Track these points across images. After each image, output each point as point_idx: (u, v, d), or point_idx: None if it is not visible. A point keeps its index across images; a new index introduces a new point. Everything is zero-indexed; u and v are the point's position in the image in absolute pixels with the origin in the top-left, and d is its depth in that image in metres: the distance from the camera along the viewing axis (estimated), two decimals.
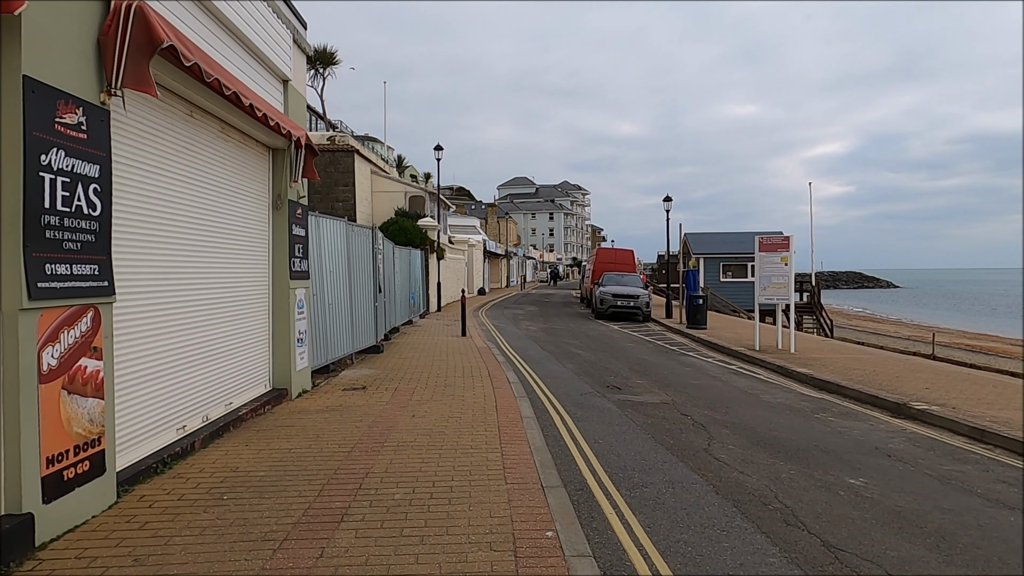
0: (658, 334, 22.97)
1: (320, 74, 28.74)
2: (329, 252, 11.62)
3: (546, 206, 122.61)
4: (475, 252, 45.92)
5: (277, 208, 9.02)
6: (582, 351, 17.10)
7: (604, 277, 29.90)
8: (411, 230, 26.99)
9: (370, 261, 14.15)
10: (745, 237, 37.53)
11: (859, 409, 10.87)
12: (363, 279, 13.63)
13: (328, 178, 27.09)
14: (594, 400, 10.39)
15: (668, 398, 10.96)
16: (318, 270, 10.98)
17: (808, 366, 14.78)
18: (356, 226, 13.31)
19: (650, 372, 13.85)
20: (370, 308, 14.05)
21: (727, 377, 13.72)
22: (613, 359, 15.78)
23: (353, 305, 12.81)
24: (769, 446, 8.01)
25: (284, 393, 8.98)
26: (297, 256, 9.38)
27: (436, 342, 17.00)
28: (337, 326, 11.82)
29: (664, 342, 20.43)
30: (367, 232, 13.95)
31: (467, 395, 9.55)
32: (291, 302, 9.13)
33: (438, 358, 13.70)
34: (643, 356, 16.66)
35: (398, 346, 15.93)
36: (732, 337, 21.06)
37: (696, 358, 16.79)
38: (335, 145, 27.02)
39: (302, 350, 9.52)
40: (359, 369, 12.02)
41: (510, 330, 22.29)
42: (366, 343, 13.78)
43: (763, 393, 11.90)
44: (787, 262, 18.04)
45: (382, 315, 15.76)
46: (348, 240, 12.62)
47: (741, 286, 35.26)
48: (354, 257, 13.03)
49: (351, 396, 9.38)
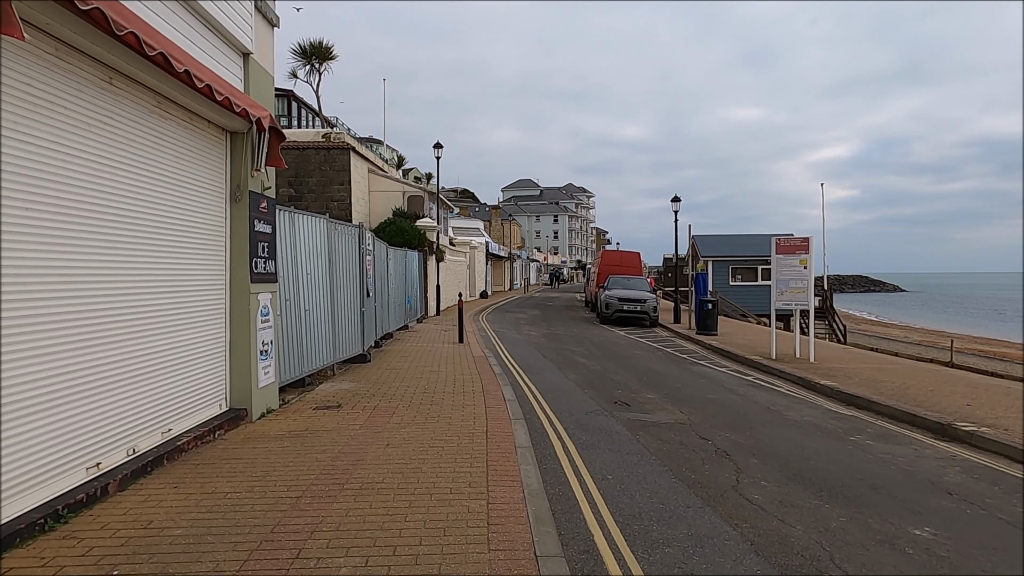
0: (667, 340, 21.67)
1: (315, 69, 27.53)
2: (307, 252, 10.37)
3: (551, 208, 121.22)
4: (477, 254, 44.67)
5: (236, 200, 7.76)
6: (586, 360, 15.81)
7: (609, 280, 28.60)
8: (409, 231, 25.76)
9: (356, 263, 12.89)
10: (755, 239, 36.19)
11: (897, 430, 9.57)
12: (348, 282, 12.38)
13: (323, 177, 25.88)
14: (601, 420, 9.10)
15: (683, 416, 9.67)
16: (292, 272, 9.73)
17: (832, 377, 13.47)
18: (340, 224, 12.06)
19: (661, 384, 12.56)
20: (355, 314, 12.79)
21: (745, 390, 12.42)
22: (620, 369, 14.48)
23: (335, 311, 11.55)
24: (807, 481, 6.71)
25: (243, 414, 7.71)
26: (261, 256, 8.12)
27: (430, 349, 15.73)
28: (315, 334, 10.56)
29: (674, 349, 19.12)
30: (352, 231, 12.70)
31: (455, 416, 8.26)
32: (253, 309, 7.87)
33: (429, 369, 12.43)
34: (652, 365, 15.37)
35: (388, 354, 14.66)
36: (745, 344, 19.75)
37: (709, 368, 15.49)
38: (330, 142, 25.81)
39: (267, 363, 8.25)
40: (339, 382, 10.75)
41: (511, 336, 21.02)
42: (351, 352, 12.52)
43: (787, 410, 10.61)
44: (806, 265, 16.74)
45: (371, 321, 14.50)
46: (330, 239, 11.37)
47: (751, 290, 33.92)
48: (337, 258, 11.77)
49: (321, 417, 8.11)
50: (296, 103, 29.38)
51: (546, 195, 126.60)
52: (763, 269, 34.31)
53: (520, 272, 70.67)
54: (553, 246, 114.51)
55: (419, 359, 13.86)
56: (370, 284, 14.08)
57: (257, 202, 8.02)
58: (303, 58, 27.44)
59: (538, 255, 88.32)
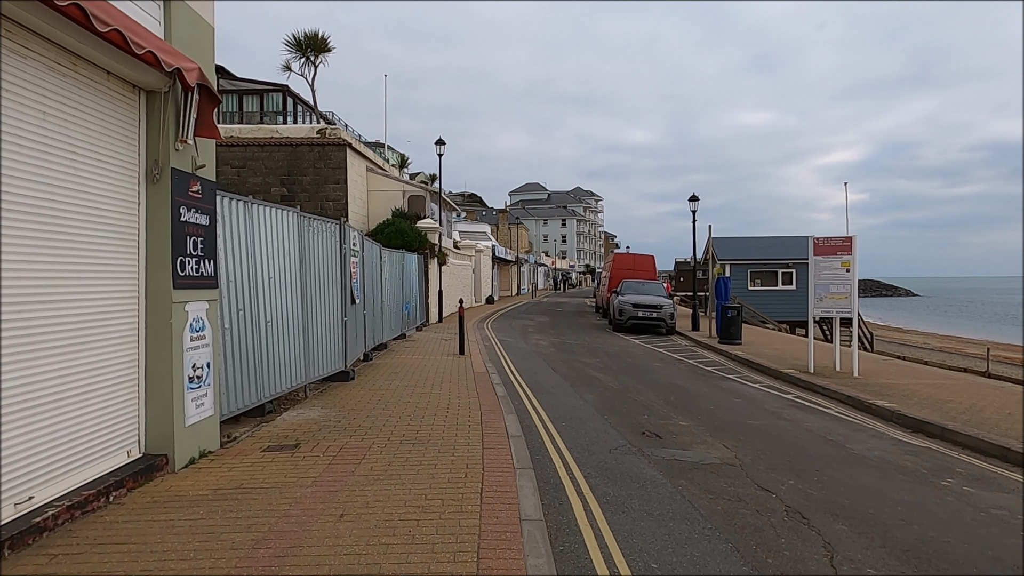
0: (687, 351, 19.66)
1: (310, 61, 25.71)
2: (269, 252, 8.46)
3: (558, 212, 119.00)
4: (483, 258, 42.75)
5: (153, 181, 5.85)
6: (602, 374, 13.83)
7: (623, 285, 26.59)
8: (408, 232, 23.89)
9: (336, 265, 10.96)
10: (775, 242, 34.13)
11: (993, 469, 7.64)
12: (325, 288, 10.45)
13: (317, 175, 24.03)
14: (629, 462, 7.11)
15: (729, 453, 7.69)
16: (248, 276, 7.82)
17: (886, 396, 11.48)
18: (316, 219, 10.14)
19: (692, 406, 10.57)
20: (336, 324, 10.85)
21: (790, 413, 10.44)
22: (642, 385, 12.50)
23: (308, 321, 9.62)
24: (927, 564, 4.73)
25: (160, 462, 5.78)
26: (192, 255, 6.20)
27: (426, 364, 13.77)
28: (280, 350, 8.64)
29: (697, 361, 17.11)
30: (331, 228, 10.77)
31: (442, 462, 6.28)
32: (178, 323, 5.95)
33: (420, 389, 10.46)
34: (677, 381, 13.38)
35: (377, 370, 12.71)
36: (775, 355, 17.72)
37: (741, 384, 13.49)
38: (325, 139, 23.97)
39: (199, 393, 6.32)
40: (309, 408, 8.80)
41: (517, 346, 19.05)
42: (329, 369, 10.58)
43: (848, 440, 8.65)
44: (849, 267, 14.71)
45: (357, 332, 12.56)
46: (301, 237, 9.45)
47: (772, 295, 31.85)
48: (312, 259, 9.85)
49: (268, 465, 6.15)
50: (291, 98, 27.60)
51: (554, 199, 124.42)
52: (784, 273, 32.26)
53: (528, 277, 68.69)
54: (561, 250, 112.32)
55: (411, 376, 11.90)
56: (355, 289, 12.15)
57: (185, 184, 6.10)
58: (297, 50, 25.63)
59: (546, 259, 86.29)
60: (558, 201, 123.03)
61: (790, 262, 32.36)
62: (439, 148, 25.60)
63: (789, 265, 32.38)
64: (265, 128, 24.39)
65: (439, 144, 25.59)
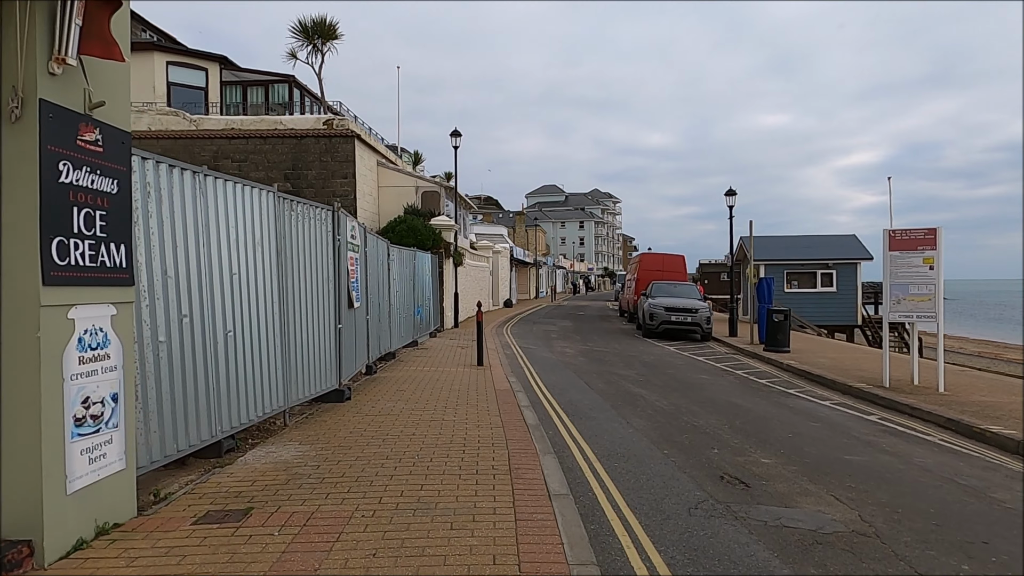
0: (730, 359, 17.39)
1: (318, 49, 23.75)
2: (231, 240, 6.38)
3: (576, 214, 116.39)
4: (501, 259, 40.62)
5: (10, 119, 3.77)
6: (645, 390, 11.63)
7: (653, 287, 24.32)
8: (422, 231, 21.83)
9: (328, 260, 8.87)
10: (813, 241, 31.69)
11: None
12: (313, 288, 8.36)
13: (324, 169, 22.06)
14: (722, 533, 4.91)
15: (851, 514, 5.50)
16: (195, 270, 5.74)
17: (995, 419, 9.37)
18: (301, 203, 8.05)
19: (766, 434, 8.38)
20: (326, 333, 8.75)
21: (890, 443, 8.24)
22: (695, 405, 10.31)
23: (288, 330, 7.54)
24: None
25: (18, 555, 3.69)
26: (85, 235, 4.11)
27: (439, 378, 11.65)
28: (245, 368, 6.55)
29: (746, 372, 14.86)
30: (322, 215, 8.66)
31: (455, 549, 4.12)
32: (54, 336, 3.86)
33: (431, 414, 8.33)
34: (733, 398, 11.17)
35: (380, 386, 10.60)
36: (833, 365, 15.42)
37: (809, 401, 11.28)
38: (332, 130, 22.00)
39: (99, 440, 4.22)
40: (282, 445, 6.68)
41: (541, 355, 16.88)
42: (317, 387, 8.48)
43: (988, 487, 6.47)
44: (933, 264, 12.39)
45: (356, 341, 10.46)
46: (280, 223, 7.37)
47: (809, 298, 29.39)
48: (294, 252, 7.77)
49: (193, 552, 4.00)
50: (299, 90, 25.68)
51: (571, 201, 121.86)
52: (823, 274, 29.79)
53: (546, 280, 66.50)
54: (579, 253, 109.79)
55: (420, 395, 9.77)
56: (354, 290, 10.05)
57: (69, 129, 4.01)
58: (304, 37, 23.71)
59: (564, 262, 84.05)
60: (575, 203, 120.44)
61: (830, 262, 29.93)
62: (455, 140, 23.53)
63: (828, 266, 29.94)
64: (268, 119, 22.47)
65: (455, 136, 23.52)
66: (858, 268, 30.00)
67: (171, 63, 24.49)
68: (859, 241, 31.32)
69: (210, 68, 25.18)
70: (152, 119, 21.80)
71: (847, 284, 29.89)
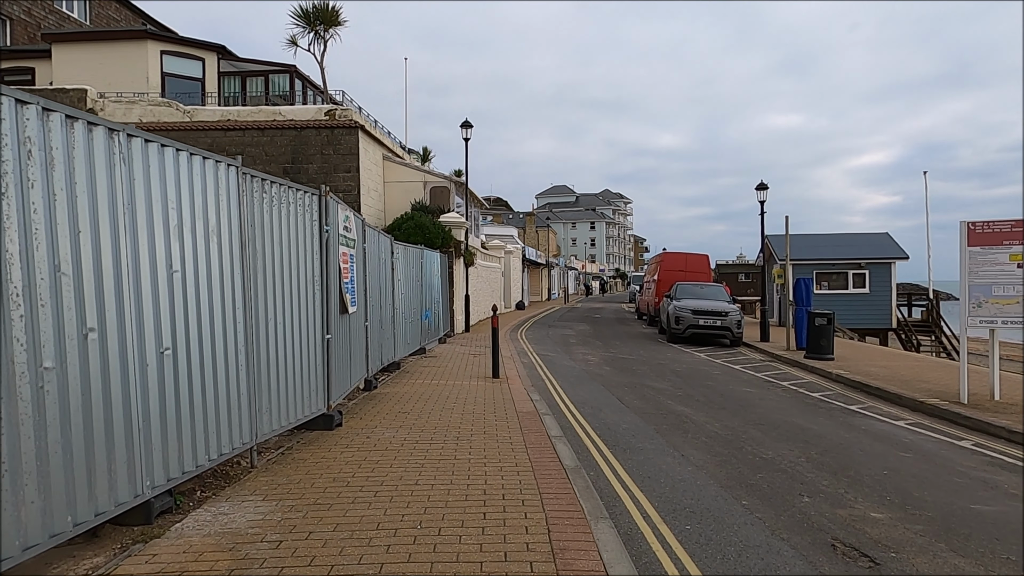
0: (768, 367, 15.62)
1: (320, 36, 22.14)
2: (171, 225, 4.70)
3: (587, 215, 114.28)
4: (512, 260, 38.90)
5: None
6: (689, 408, 9.88)
7: (677, 289, 22.53)
8: (430, 228, 20.15)
9: (313, 256, 7.18)
10: (845, 239, 29.81)
11: None
12: (291, 290, 6.67)
13: (325, 162, 20.43)
14: None
15: None
16: (105, 267, 4.09)
17: None
18: (277, 183, 6.36)
19: (857, 473, 6.63)
20: (310, 346, 7.05)
21: (1014, 484, 6.49)
22: (755, 429, 8.57)
23: (257, 343, 5.87)
24: None
25: None
26: None
27: (449, 394, 9.95)
28: (191, 397, 4.86)
29: (792, 383, 13.10)
30: (304, 200, 6.96)
31: None
32: None
33: (439, 449, 6.60)
34: (794, 419, 9.43)
35: (379, 405, 8.91)
36: (888, 375, 13.64)
37: (882, 422, 9.55)
38: (334, 120, 20.37)
39: None
40: (238, 501, 4.96)
41: (562, 363, 15.16)
42: (297, 414, 6.78)
43: None
44: (1021, 262, 10.60)
45: (351, 353, 8.77)
46: (245, 207, 5.71)
47: (840, 300, 27.47)
48: (265, 244, 6.09)
49: None
50: (300, 80, 24.08)
51: (582, 201, 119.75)
52: (855, 275, 27.89)
53: (558, 281, 64.72)
54: (590, 254, 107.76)
55: (426, 418, 8.07)
56: (349, 292, 8.37)
57: None
58: (306, 23, 22.10)
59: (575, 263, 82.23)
60: (586, 204, 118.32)
61: (862, 262, 28.05)
62: (465, 132, 21.85)
63: (861, 265, 28.06)
64: (267, 110, 20.86)
65: (465, 127, 21.84)
66: (892, 268, 28.10)
67: (165, 52, 22.94)
68: (892, 239, 29.41)
69: (207, 58, 23.62)
70: (143, 110, 20.25)
71: (881, 285, 27.99)
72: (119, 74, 22.30)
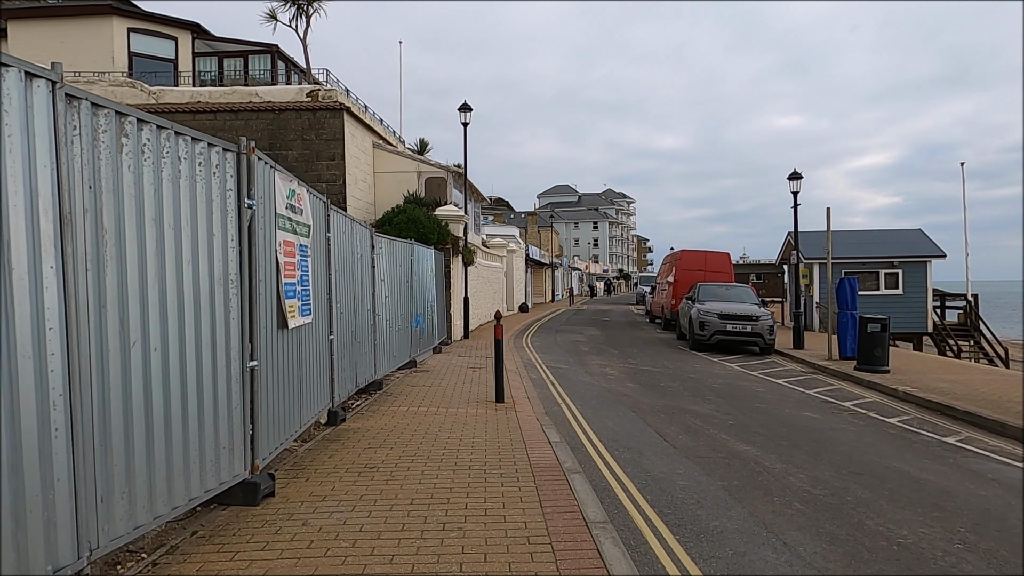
0: (815, 381, 13.16)
1: (303, 11, 19.75)
2: None
3: (589, 215, 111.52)
4: (515, 259, 36.45)
5: None
6: (755, 447, 7.38)
7: (700, 291, 20.04)
8: (424, 222, 17.71)
9: (228, 241, 4.70)
10: (875, 236, 27.35)
11: None
12: (185, 292, 4.20)
13: (307, 148, 18.00)
14: None
15: None
16: None
17: None
18: (143, 122, 3.95)
19: None
20: (222, 379, 4.59)
21: None
22: (858, 485, 6.09)
23: (104, 385, 3.44)
24: None
25: None
26: None
27: (439, 431, 7.47)
28: None
29: (856, 404, 10.64)
30: (211, 157, 4.47)
31: None
32: None
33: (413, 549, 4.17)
34: (894, 463, 6.96)
35: (340, 452, 6.42)
36: (966, 393, 11.20)
37: (1010, 466, 7.05)
38: (317, 102, 17.95)
39: None
40: None
41: (577, 378, 12.69)
42: (196, 490, 4.30)
43: None
44: None
45: (300, 384, 6.27)
46: (66, 153, 3.29)
47: (871, 301, 24.92)
48: (126, 220, 3.68)
49: None
50: (283, 61, 21.70)
51: (584, 201, 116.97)
52: (887, 274, 25.42)
53: (562, 282, 62.23)
54: (593, 254, 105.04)
55: (401, 480, 5.58)
56: (296, 298, 5.92)
57: None
58: None
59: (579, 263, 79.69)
60: (589, 203, 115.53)
61: (895, 260, 25.58)
62: (464, 115, 19.41)
63: (894, 264, 25.59)
64: (242, 91, 18.44)
65: (464, 110, 19.40)
66: (928, 267, 25.63)
67: (133, 30, 20.53)
68: (927, 236, 26.93)
69: (180, 37, 21.21)
70: (104, 90, 17.76)
71: (915, 285, 25.50)
72: (82, 53, 19.88)
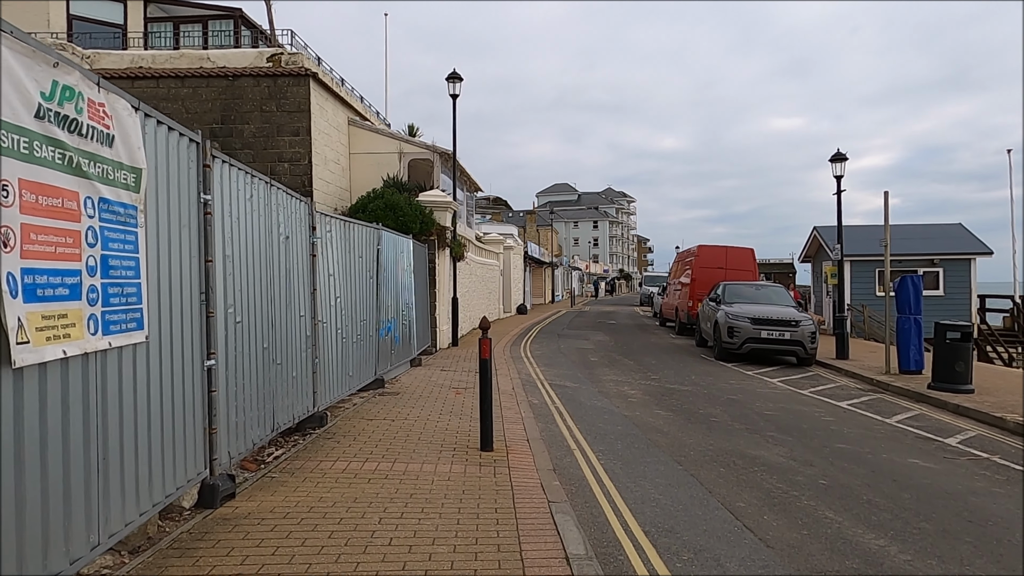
0: (889, 405, 10.23)
1: None
2: None
3: (589, 214, 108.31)
4: (513, 257, 33.48)
5: None
6: (884, 539, 4.34)
7: (725, 291, 17.07)
8: (405, 209, 14.76)
9: None
10: (912, 232, 24.45)
11: None
12: None
13: (266, 122, 15.03)
14: None
15: None
16: None
17: None
18: None
19: None
20: None
21: None
22: None
23: None
24: None
25: None
26: None
27: (382, 510, 4.51)
28: None
29: (961, 441, 7.64)
30: None
31: None
32: None
33: None
34: None
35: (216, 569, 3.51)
36: None
37: None
38: (279, 68, 15.00)
39: None
40: None
41: (591, 402, 9.72)
42: None
43: None
44: None
45: (83, 466, 3.36)
46: None
47: None
48: None
49: None
50: (249, 29, 18.75)
51: (584, 200, 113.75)
52: (926, 273, 22.51)
53: (562, 282, 59.25)
54: (593, 254, 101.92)
55: None
56: (85, 298, 3.00)
57: None
58: None
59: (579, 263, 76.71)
60: (589, 202, 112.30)
61: (935, 258, 22.72)
62: (453, 86, 16.46)
63: (934, 262, 22.73)
64: (190, 54, 15.47)
65: (452, 80, 16.45)
66: (972, 265, 22.78)
67: None
68: (968, 231, 24.08)
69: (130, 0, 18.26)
70: None
71: (958, 285, 22.65)
72: (13, 15, 16.93)
